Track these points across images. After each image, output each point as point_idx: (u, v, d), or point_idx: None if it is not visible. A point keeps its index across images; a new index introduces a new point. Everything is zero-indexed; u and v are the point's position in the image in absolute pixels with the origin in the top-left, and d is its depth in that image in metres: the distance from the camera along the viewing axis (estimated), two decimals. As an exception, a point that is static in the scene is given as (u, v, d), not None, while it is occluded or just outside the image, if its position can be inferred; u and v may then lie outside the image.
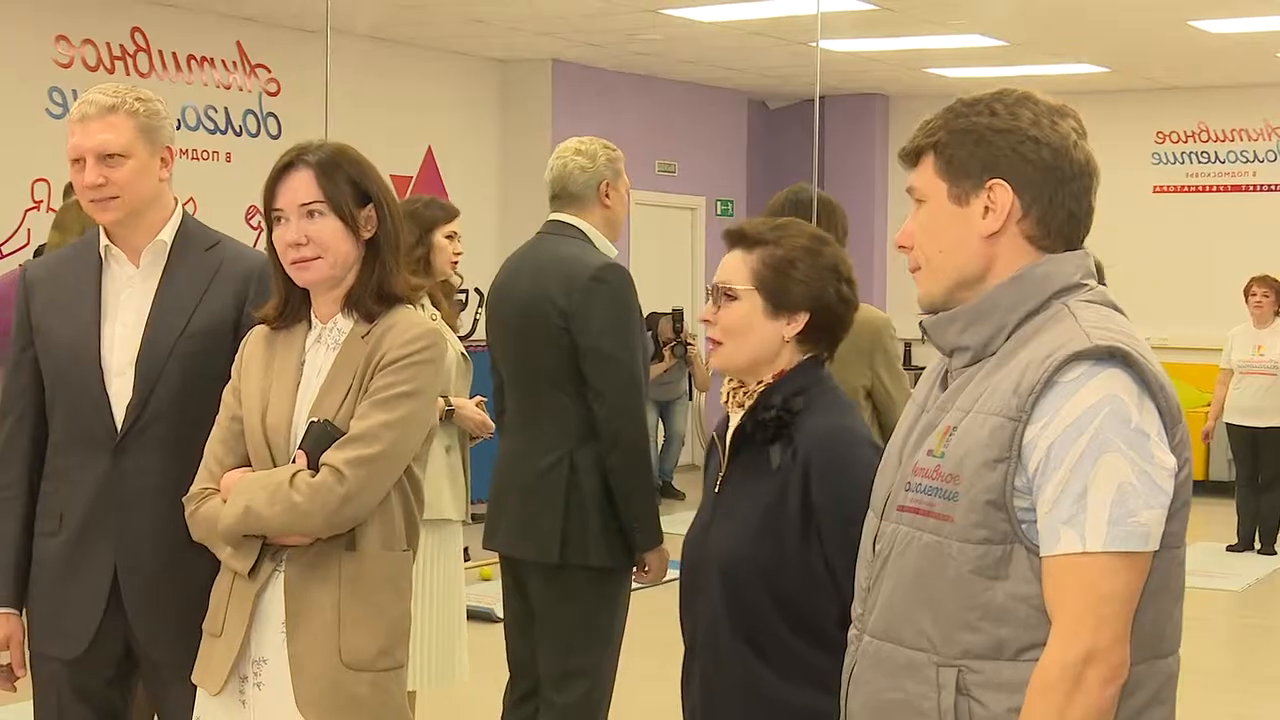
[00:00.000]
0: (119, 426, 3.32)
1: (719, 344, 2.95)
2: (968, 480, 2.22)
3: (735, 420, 2.96)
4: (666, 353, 12.08)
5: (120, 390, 3.32)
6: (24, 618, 3.46)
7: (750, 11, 10.63)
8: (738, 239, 2.98)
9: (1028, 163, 2.29)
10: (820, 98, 9.50)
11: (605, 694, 4.52)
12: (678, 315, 12.06)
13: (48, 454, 3.42)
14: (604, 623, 4.45)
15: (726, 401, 2.99)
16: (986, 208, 2.31)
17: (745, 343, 2.92)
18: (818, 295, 2.94)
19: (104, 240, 3.41)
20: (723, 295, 2.93)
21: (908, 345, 12.52)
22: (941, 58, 12.50)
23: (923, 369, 2.51)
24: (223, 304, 3.34)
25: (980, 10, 10.56)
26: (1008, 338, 2.29)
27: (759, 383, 2.93)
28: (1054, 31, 11.31)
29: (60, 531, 3.36)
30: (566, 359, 4.35)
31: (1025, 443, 2.18)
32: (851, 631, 2.46)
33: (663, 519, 4.43)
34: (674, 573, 3.47)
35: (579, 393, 4.35)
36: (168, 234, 3.39)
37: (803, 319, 2.93)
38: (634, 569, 4.46)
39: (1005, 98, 2.33)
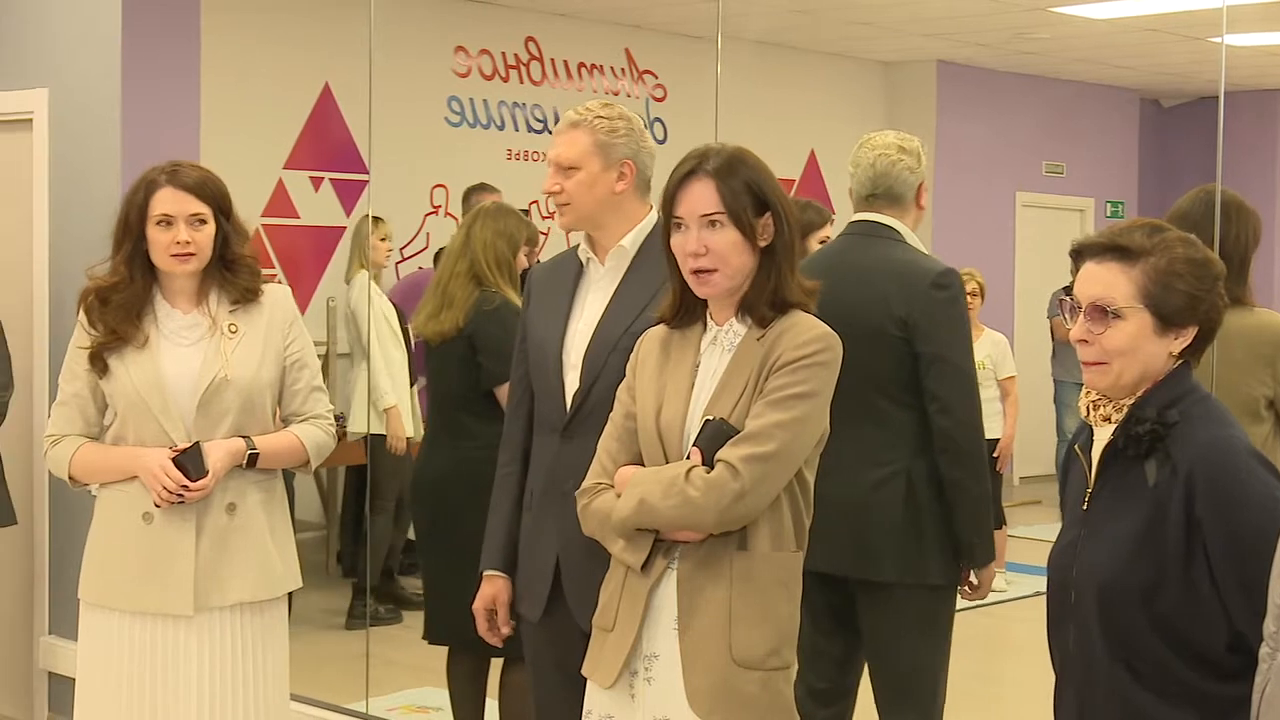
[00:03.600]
0: (567, 413, 3.55)
1: (1100, 364, 2.78)
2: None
3: (1101, 434, 2.82)
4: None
5: (572, 381, 3.56)
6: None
7: (1148, 6, 10.31)
8: (1113, 252, 2.79)
9: None
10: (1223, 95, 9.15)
11: (941, 709, 4.40)
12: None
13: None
14: (943, 634, 4.35)
15: (1088, 415, 2.85)
16: None
17: (1134, 363, 2.76)
18: (1207, 308, 2.79)
19: (583, 245, 3.66)
20: (1102, 313, 2.76)
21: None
22: (1354, 50, 11.89)
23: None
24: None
25: (1401, -3, 9.99)
26: None
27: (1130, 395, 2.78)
28: None
29: (531, 506, 3.67)
30: (902, 367, 4.19)
31: None
32: (1264, 649, 2.34)
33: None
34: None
35: (913, 403, 4.20)
36: (630, 240, 3.60)
37: (1191, 333, 2.78)
38: (960, 586, 4.29)
39: None
